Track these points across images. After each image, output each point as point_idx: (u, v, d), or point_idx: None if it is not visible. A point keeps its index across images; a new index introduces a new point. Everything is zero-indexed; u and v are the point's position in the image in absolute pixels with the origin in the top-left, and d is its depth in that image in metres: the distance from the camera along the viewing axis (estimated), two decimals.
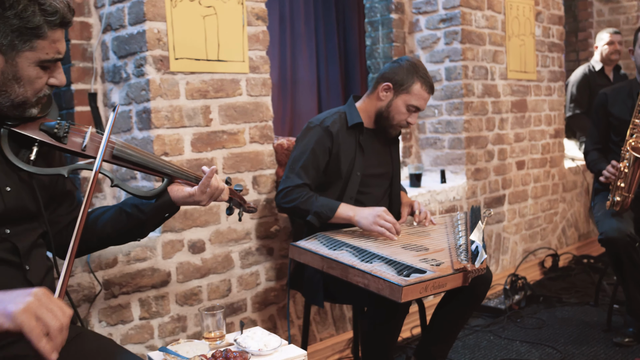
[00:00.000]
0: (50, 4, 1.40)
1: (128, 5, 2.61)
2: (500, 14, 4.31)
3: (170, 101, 2.60)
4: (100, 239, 1.78)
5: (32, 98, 1.47)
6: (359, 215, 2.52)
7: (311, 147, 2.64)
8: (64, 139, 1.53)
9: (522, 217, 4.64)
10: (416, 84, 2.66)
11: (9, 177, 1.49)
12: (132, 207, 1.77)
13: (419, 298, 2.79)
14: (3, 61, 1.40)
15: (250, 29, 2.85)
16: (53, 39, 1.43)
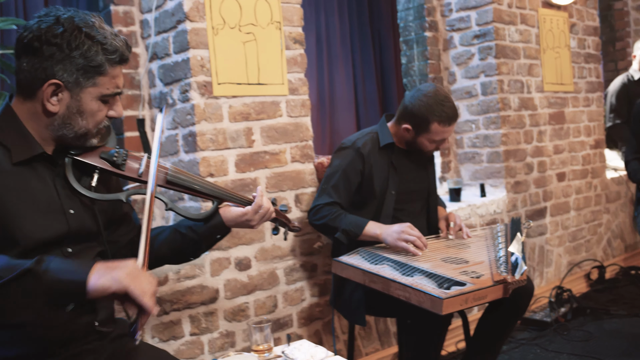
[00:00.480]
0: (111, 44, 1.53)
1: (173, 34, 2.75)
2: (534, 28, 4.34)
3: (215, 124, 2.71)
4: (156, 258, 1.85)
5: (93, 130, 1.59)
6: (384, 233, 2.57)
7: (343, 168, 2.71)
8: (122, 166, 1.65)
9: (565, 229, 4.62)
10: (433, 124, 2.65)
11: (73, 201, 1.61)
12: (186, 228, 1.86)
13: (462, 311, 2.84)
14: (69, 96, 1.52)
15: (288, 52, 2.96)
16: (113, 75, 1.56)
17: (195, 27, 2.66)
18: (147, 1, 2.89)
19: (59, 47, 1.48)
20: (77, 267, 1.30)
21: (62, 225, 1.56)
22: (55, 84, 1.50)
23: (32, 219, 1.50)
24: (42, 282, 1.25)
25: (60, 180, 1.60)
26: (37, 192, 1.54)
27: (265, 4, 2.85)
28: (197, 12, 2.67)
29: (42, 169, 1.57)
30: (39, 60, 1.49)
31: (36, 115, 1.55)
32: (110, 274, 1.28)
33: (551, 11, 4.48)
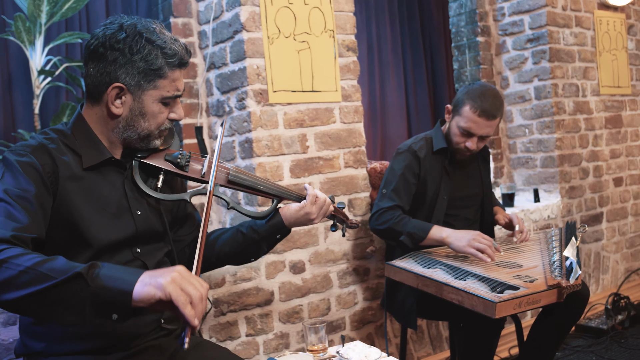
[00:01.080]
0: (170, 48, 1.61)
1: (229, 45, 2.84)
2: (590, 30, 4.29)
3: (270, 131, 2.79)
4: (218, 258, 1.93)
5: (155, 131, 1.66)
6: (452, 237, 2.55)
7: (401, 172, 2.73)
8: (185, 168, 1.73)
9: (623, 235, 4.52)
10: (466, 106, 2.62)
11: (140, 203, 1.70)
12: (247, 228, 1.91)
13: (516, 316, 2.83)
14: (131, 99, 1.61)
15: (341, 60, 3.02)
16: (173, 78, 1.63)
17: (252, 37, 2.75)
18: (205, 13, 3.00)
19: (122, 51, 1.57)
20: (126, 275, 1.28)
21: (130, 226, 1.65)
22: (118, 87, 1.58)
23: (102, 222, 1.59)
24: (90, 287, 1.25)
25: (129, 182, 1.69)
26: (107, 195, 1.63)
27: (319, 13, 2.92)
28: (254, 22, 2.76)
29: (112, 173, 1.67)
30: (103, 65, 1.58)
31: (103, 119, 1.64)
32: (155, 281, 1.25)
33: (607, 13, 4.42)
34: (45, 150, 1.55)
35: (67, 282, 1.25)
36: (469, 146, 2.67)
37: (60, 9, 3.17)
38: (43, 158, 1.53)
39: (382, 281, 3.16)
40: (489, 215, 2.93)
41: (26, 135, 3.18)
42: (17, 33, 3.12)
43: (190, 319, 1.25)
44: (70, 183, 1.56)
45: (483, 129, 2.63)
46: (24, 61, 3.76)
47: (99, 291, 1.26)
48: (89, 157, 1.62)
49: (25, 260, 1.28)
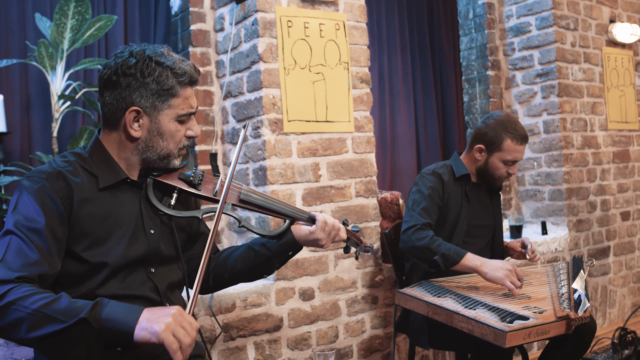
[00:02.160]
0: (179, 67, 1.67)
1: (247, 74, 2.92)
2: (598, 66, 4.36)
3: (284, 159, 2.85)
4: (231, 275, 1.95)
5: (174, 150, 1.71)
6: (487, 267, 2.55)
7: (428, 193, 2.76)
8: (198, 186, 1.76)
9: (630, 270, 4.54)
10: (506, 141, 2.74)
11: (154, 222, 1.74)
12: (259, 245, 1.92)
13: (523, 348, 2.85)
14: (149, 121, 1.66)
15: (355, 91, 3.09)
16: (185, 96, 1.69)
17: (268, 67, 2.82)
18: (224, 43, 3.08)
19: (134, 76, 1.63)
20: (127, 316, 1.39)
21: (144, 245, 1.69)
22: (135, 111, 1.64)
23: (117, 242, 1.64)
24: (94, 330, 1.37)
25: (144, 201, 1.73)
26: (123, 214, 1.68)
27: (334, 46, 3.00)
28: (271, 53, 2.83)
29: (127, 193, 1.71)
30: (118, 92, 1.64)
31: (122, 143, 1.69)
32: (151, 327, 1.36)
33: (615, 49, 4.49)
34: (61, 176, 1.59)
35: (73, 326, 1.37)
36: (512, 172, 2.84)
37: (82, 36, 3.27)
38: (58, 184, 1.58)
39: (390, 310, 3.19)
40: (499, 247, 2.96)
41: (44, 158, 3.25)
42: (39, 58, 3.21)
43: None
44: (85, 204, 1.61)
45: (523, 153, 2.83)
46: (43, 85, 3.85)
47: (103, 331, 1.38)
48: (104, 178, 1.66)
49: (32, 303, 1.37)
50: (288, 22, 2.88)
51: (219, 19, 3.12)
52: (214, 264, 1.98)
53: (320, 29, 2.96)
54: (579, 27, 4.24)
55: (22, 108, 3.91)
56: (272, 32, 2.85)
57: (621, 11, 4.57)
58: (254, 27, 2.84)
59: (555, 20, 4.06)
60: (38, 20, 3.34)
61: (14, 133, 3.84)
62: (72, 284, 1.60)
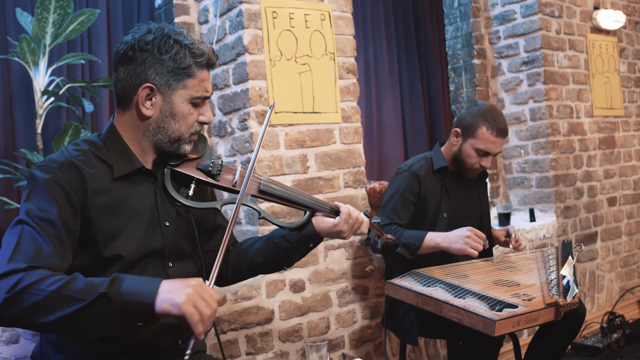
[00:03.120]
0: (198, 48, 1.64)
1: (232, 67, 2.90)
2: (583, 53, 4.37)
3: (271, 151, 2.84)
4: (249, 267, 1.90)
5: (185, 134, 1.66)
6: (446, 241, 2.61)
7: (400, 192, 2.78)
8: (217, 177, 1.71)
9: (617, 255, 4.57)
10: (481, 128, 2.73)
11: (169, 214, 1.71)
12: (280, 237, 1.86)
13: (514, 335, 2.87)
14: (161, 100, 1.62)
15: (341, 82, 3.08)
16: (201, 79, 1.66)
17: (254, 59, 2.81)
18: (208, 35, 3.06)
19: (151, 52, 1.60)
20: (147, 288, 1.36)
21: (159, 238, 1.66)
22: (148, 87, 1.61)
23: (132, 234, 1.61)
24: (114, 304, 1.33)
25: (160, 192, 1.69)
26: (138, 205, 1.64)
27: (319, 36, 2.98)
28: (256, 45, 2.81)
29: (143, 183, 1.68)
30: (133, 67, 1.61)
31: (134, 123, 1.65)
32: (172, 298, 1.33)
33: (600, 36, 4.51)
34: (73, 166, 1.56)
35: (93, 303, 1.33)
36: (484, 165, 2.79)
37: (64, 31, 3.23)
38: (70, 174, 1.54)
39: (381, 300, 3.19)
40: (487, 236, 2.97)
41: (28, 155, 3.22)
42: (21, 54, 3.17)
43: (198, 335, 1.35)
44: (99, 196, 1.57)
45: (499, 147, 2.77)
46: (26, 81, 3.80)
47: (122, 306, 1.34)
48: (119, 167, 1.63)
49: (48, 285, 1.33)
50: (273, 13, 2.86)
51: (203, 11, 3.10)
52: (233, 257, 1.94)
53: (305, 19, 2.95)
54: (564, 14, 4.25)
55: (5, 105, 3.86)
56: (257, 23, 2.83)
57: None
58: (238, 19, 2.82)
59: (540, 8, 4.07)
60: (19, 15, 3.29)
61: None
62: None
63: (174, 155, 1.70)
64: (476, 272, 2.63)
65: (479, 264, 2.75)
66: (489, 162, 2.80)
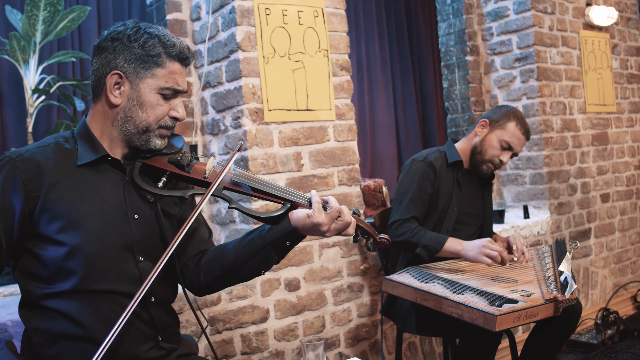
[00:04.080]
0: (169, 39, 1.63)
1: (225, 64, 2.87)
2: (576, 50, 4.37)
3: (265, 149, 2.81)
4: (223, 270, 1.77)
5: (153, 124, 1.64)
6: (466, 249, 2.62)
7: (417, 181, 2.77)
8: (188, 168, 1.67)
9: (610, 251, 4.58)
10: (512, 122, 2.80)
11: (138, 206, 1.67)
12: (254, 234, 1.74)
13: (510, 331, 2.86)
14: (129, 88, 1.62)
15: (335, 79, 3.06)
16: (171, 70, 1.64)
17: (247, 56, 2.78)
18: (201, 33, 3.03)
19: (121, 40, 1.61)
20: None
21: (126, 230, 1.63)
22: (117, 74, 1.60)
23: (95, 224, 1.57)
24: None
25: (128, 185, 1.67)
26: (102, 196, 1.62)
27: (313, 33, 2.96)
28: (249, 42, 2.79)
29: (110, 173, 1.65)
30: (104, 56, 1.62)
31: (104, 114, 1.64)
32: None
33: (592, 33, 4.51)
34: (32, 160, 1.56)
35: None
36: (503, 160, 2.83)
37: (54, 28, 3.19)
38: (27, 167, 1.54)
39: (376, 297, 3.18)
40: (487, 236, 2.97)
41: None
42: (11, 52, 3.13)
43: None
44: (59, 184, 1.56)
45: (520, 146, 2.84)
46: (16, 79, 3.76)
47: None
48: (83, 154, 1.62)
49: None
50: (266, 9, 2.83)
51: (195, 8, 3.07)
52: (206, 259, 1.82)
53: (298, 16, 2.92)
54: (556, 10, 4.24)
55: None
56: (250, 20, 2.80)
57: None
58: (231, 16, 2.79)
59: (533, 4, 4.06)
60: (8, 12, 3.25)
61: None
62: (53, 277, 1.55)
63: (146, 150, 1.68)
64: (473, 269, 2.62)
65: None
66: (508, 159, 2.84)
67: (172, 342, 1.74)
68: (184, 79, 1.69)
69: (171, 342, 1.73)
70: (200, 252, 1.85)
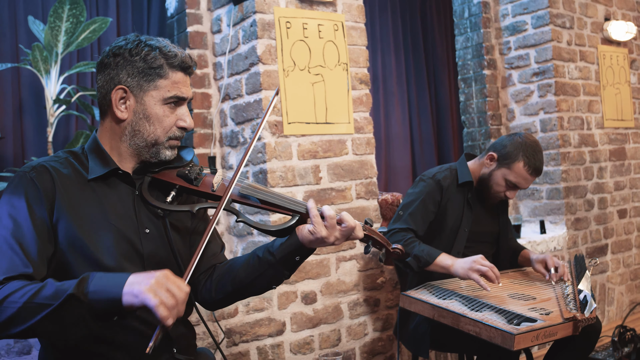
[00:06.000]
0: (170, 50, 1.65)
1: (245, 77, 2.88)
2: (594, 65, 4.36)
3: (284, 162, 2.82)
4: (234, 285, 1.77)
5: (163, 137, 1.65)
6: (456, 265, 2.56)
7: (422, 198, 2.74)
8: (196, 181, 1.66)
9: (627, 267, 4.54)
10: (519, 162, 2.68)
11: (149, 220, 1.68)
12: (264, 250, 1.73)
13: (528, 350, 2.83)
14: (135, 102, 1.62)
15: (354, 92, 3.07)
16: (174, 80, 1.64)
17: (268, 69, 2.79)
18: (221, 45, 3.05)
19: (122, 55, 1.62)
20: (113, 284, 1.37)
21: (137, 244, 1.63)
22: (121, 89, 1.61)
23: (108, 238, 1.58)
24: (84, 304, 1.36)
25: (139, 200, 1.67)
26: (115, 206, 1.63)
27: (333, 47, 2.97)
28: (270, 55, 2.80)
29: (120, 187, 1.66)
30: (108, 72, 1.63)
31: (112, 130, 1.66)
32: (133, 289, 1.35)
33: (611, 47, 4.50)
34: (45, 169, 1.58)
35: (62, 306, 1.35)
36: (509, 196, 2.76)
37: (76, 39, 3.22)
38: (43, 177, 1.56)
39: (392, 312, 3.17)
40: (504, 254, 2.94)
41: None
42: (33, 62, 3.17)
43: (161, 318, 1.33)
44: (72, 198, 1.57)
45: (529, 183, 2.74)
46: (36, 89, 3.80)
47: (93, 304, 1.36)
48: (94, 169, 1.63)
49: (19, 297, 1.37)
50: (287, 23, 2.85)
51: (216, 21, 3.09)
52: (217, 274, 1.82)
53: (319, 29, 2.94)
54: (575, 25, 4.24)
55: (15, 112, 3.86)
56: (271, 33, 2.82)
57: (616, 9, 4.57)
58: (252, 29, 2.81)
59: (551, 19, 4.06)
60: (31, 23, 3.29)
61: (7, 138, 3.79)
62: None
63: (155, 163, 1.68)
64: (491, 286, 2.60)
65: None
66: (514, 195, 2.77)
67: (188, 353, 1.75)
68: (188, 88, 1.69)
69: (187, 354, 1.74)
70: (211, 266, 1.85)
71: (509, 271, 2.87)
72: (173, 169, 1.70)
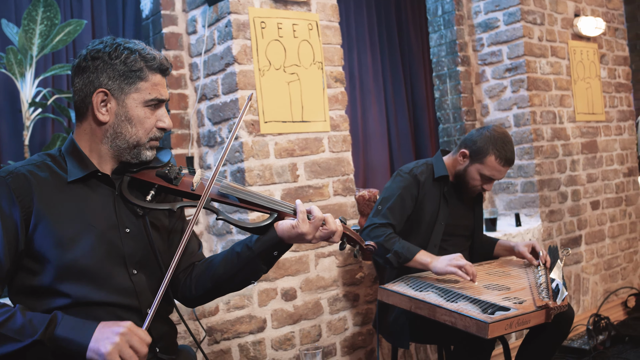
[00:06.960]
0: (148, 52, 1.68)
1: (221, 77, 2.91)
2: (565, 60, 4.45)
3: (261, 161, 2.85)
4: (213, 281, 1.81)
5: (144, 139, 1.68)
6: (434, 262, 2.61)
7: (399, 193, 2.79)
8: (175, 181, 1.69)
9: (601, 257, 4.64)
10: (490, 156, 2.75)
11: (129, 220, 1.70)
12: (242, 246, 1.78)
13: (503, 338, 2.90)
14: (116, 104, 1.65)
15: (330, 90, 3.11)
16: (154, 82, 1.68)
17: (243, 69, 2.82)
18: (197, 46, 3.07)
19: (102, 59, 1.64)
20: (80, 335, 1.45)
21: (118, 244, 1.66)
22: (102, 92, 1.63)
23: (89, 239, 1.60)
24: (48, 349, 1.44)
25: (119, 199, 1.69)
26: (94, 211, 1.64)
27: (307, 46, 3.01)
28: (245, 55, 2.83)
29: (100, 189, 1.68)
30: (87, 75, 1.64)
31: (92, 132, 1.67)
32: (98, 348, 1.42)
33: (581, 43, 4.59)
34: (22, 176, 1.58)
35: (28, 348, 1.43)
36: (486, 188, 2.84)
37: (51, 42, 3.22)
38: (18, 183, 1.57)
39: (372, 306, 3.22)
40: (479, 247, 3.01)
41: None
42: (8, 65, 3.16)
43: None
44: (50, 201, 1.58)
45: (503, 174, 2.82)
46: (11, 93, 3.78)
47: (57, 349, 1.44)
48: (73, 171, 1.64)
49: None
50: (261, 23, 2.88)
51: (191, 22, 3.11)
52: (196, 271, 1.86)
53: (293, 29, 2.97)
54: (546, 21, 4.32)
55: None
56: (246, 33, 2.85)
57: (585, 5, 4.66)
58: (227, 29, 2.84)
59: (523, 16, 4.14)
60: (4, 26, 3.28)
61: None
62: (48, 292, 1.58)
63: (134, 164, 1.71)
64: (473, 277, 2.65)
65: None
66: (491, 186, 2.85)
67: (170, 352, 1.78)
68: (166, 89, 1.73)
69: (169, 353, 1.76)
70: (190, 264, 1.88)
71: (483, 263, 2.94)
72: (152, 169, 1.73)
